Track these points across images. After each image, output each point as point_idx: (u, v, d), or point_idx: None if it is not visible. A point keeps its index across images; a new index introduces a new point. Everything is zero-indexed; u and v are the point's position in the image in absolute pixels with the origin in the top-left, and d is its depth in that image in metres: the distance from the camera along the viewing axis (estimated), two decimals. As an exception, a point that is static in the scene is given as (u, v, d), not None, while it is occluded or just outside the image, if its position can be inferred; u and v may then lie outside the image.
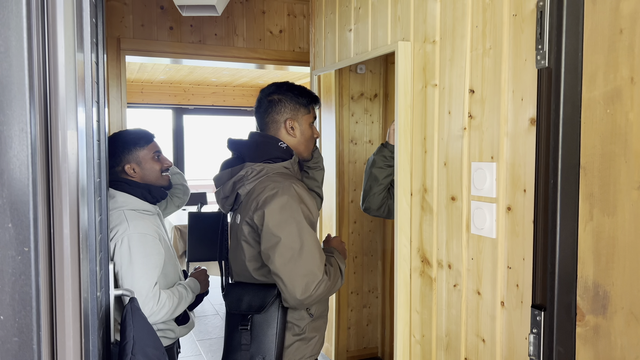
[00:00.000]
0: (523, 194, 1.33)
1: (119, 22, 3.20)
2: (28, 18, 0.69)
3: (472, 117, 1.52)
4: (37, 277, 0.71)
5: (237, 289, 1.67)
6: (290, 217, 1.52)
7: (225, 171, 1.70)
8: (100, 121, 1.45)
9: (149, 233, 1.78)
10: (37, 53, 0.73)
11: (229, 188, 1.67)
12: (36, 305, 0.70)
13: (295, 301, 1.52)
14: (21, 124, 0.68)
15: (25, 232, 0.68)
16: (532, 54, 1.27)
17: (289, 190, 1.54)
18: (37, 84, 0.72)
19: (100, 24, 1.53)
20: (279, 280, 1.53)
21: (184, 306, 1.85)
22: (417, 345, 1.83)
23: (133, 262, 1.72)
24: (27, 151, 0.68)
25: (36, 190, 0.70)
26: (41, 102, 0.76)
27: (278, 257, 1.50)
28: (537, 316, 1.15)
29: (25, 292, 0.69)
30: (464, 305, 1.58)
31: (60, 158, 0.84)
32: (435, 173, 1.69)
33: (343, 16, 2.31)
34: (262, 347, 1.59)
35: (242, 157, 1.67)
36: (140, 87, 6.72)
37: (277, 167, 1.64)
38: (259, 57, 3.62)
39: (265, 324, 1.60)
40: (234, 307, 1.64)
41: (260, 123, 1.75)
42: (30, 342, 0.70)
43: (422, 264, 1.78)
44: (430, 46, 1.69)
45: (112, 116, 3.17)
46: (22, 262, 0.68)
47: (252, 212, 1.57)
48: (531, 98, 1.29)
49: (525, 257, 1.32)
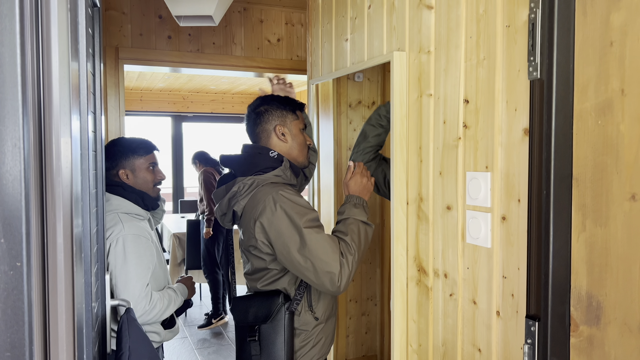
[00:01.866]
0: (517, 203, 1.33)
1: (117, 31, 3.21)
2: (22, 33, 0.70)
3: (466, 127, 1.53)
4: (30, 292, 0.71)
5: (243, 301, 1.69)
6: (291, 224, 1.55)
7: (221, 188, 1.73)
8: (96, 131, 1.45)
9: (142, 235, 1.83)
10: (31, 66, 0.74)
11: (225, 205, 1.71)
12: (28, 320, 0.71)
13: (335, 289, 1.55)
14: (14, 139, 0.68)
15: (17, 247, 0.69)
16: (525, 65, 1.28)
17: (278, 199, 1.57)
18: (30, 97, 0.73)
19: (97, 34, 1.54)
20: (312, 283, 1.57)
21: (173, 309, 1.88)
22: (414, 355, 1.82)
23: (127, 261, 1.76)
24: (20, 167, 0.69)
25: (29, 205, 0.71)
26: (35, 114, 0.76)
27: (298, 264, 1.55)
28: (531, 326, 1.15)
29: (18, 307, 0.69)
30: (460, 315, 1.58)
31: (54, 171, 0.84)
32: (430, 182, 1.69)
33: (339, 26, 2.33)
34: (272, 356, 1.62)
35: (233, 173, 1.72)
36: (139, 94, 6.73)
37: (268, 177, 1.67)
38: (257, 65, 3.63)
39: (273, 333, 1.63)
40: (241, 320, 1.68)
41: (251, 137, 1.79)
42: (22, 357, 0.70)
43: (419, 273, 1.78)
44: (425, 56, 1.70)
45: (111, 124, 3.18)
46: (15, 277, 0.68)
47: (252, 231, 1.61)
48: (524, 109, 1.29)
49: (520, 266, 1.33)
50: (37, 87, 0.78)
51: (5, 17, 0.68)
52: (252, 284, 1.75)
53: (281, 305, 1.63)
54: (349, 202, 1.72)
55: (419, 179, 1.76)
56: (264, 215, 1.57)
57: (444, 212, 1.63)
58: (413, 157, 1.79)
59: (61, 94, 0.85)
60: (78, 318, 0.94)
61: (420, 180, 1.75)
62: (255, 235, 1.60)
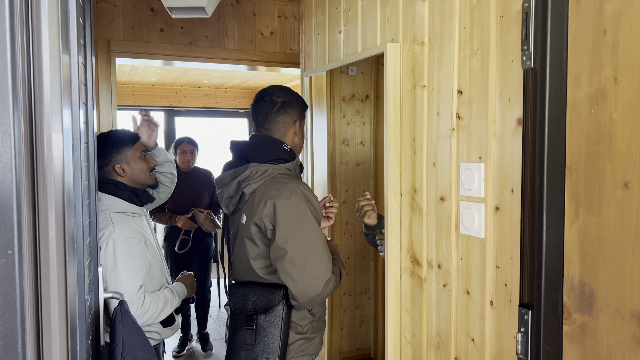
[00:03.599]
0: (511, 194, 1.33)
1: (109, 24, 3.19)
2: (11, 21, 0.69)
3: (460, 118, 1.53)
4: (22, 280, 0.70)
5: (243, 289, 1.69)
6: (299, 217, 1.57)
7: (228, 172, 1.73)
8: (88, 123, 1.44)
9: (134, 236, 1.78)
10: (21, 55, 0.73)
11: (234, 188, 1.69)
12: (21, 309, 0.70)
13: (306, 299, 1.58)
14: (4, 126, 0.68)
15: (9, 234, 0.68)
16: (518, 55, 1.28)
17: (295, 190, 1.59)
18: (21, 86, 0.72)
19: (88, 25, 1.52)
20: (288, 279, 1.57)
21: (169, 310, 1.84)
22: (407, 346, 1.83)
23: (118, 265, 1.72)
24: (11, 153, 0.68)
25: (20, 193, 0.70)
26: (25, 104, 0.75)
27: (289, 256, 1.55)
28: (524, 315, 1.15)
29: (10, 295, 0.68)
30: (453, 305, 1.59)
31: (46, 160, 0.83)
32: (424, 174, 1.70)
33: (333, 18, 2.32)
34: (266, 347, 1.62)
35: (246, 157, 1.70)
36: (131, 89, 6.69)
37: (281, 168, 1.68)
38: (250, 58, 3.62)
39: (270, 325, 1.63)
40: (239, 307, 1.67)
41: (263, 122, 1.75)
42: (15, 346, 0.69)
43: (412, 264, 1.78)
44: (419, 47, 1.70)
45: (103, 118, 3.16)
46: (6, 265, 0.68)
47: (260, 212, 1.60)
48: (518, 99, 1.30)
49: (513, 256, 1.33)
50: (27, 74, 0.77)
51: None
52: (245, 272, 1.73)
53: (281, 298, 1.63)
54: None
55: (413, 171, 1.76)
56: (279, 199, 1.58)
57: (438, 203, 1.63)
58: (407, 149, 1.79)
59: (52, 84, 0.84)
60: (71, 309, 0.93)
61: (414, 171, 1.75)
62: (262, 217, 1.60)
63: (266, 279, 1.69)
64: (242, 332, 1.65)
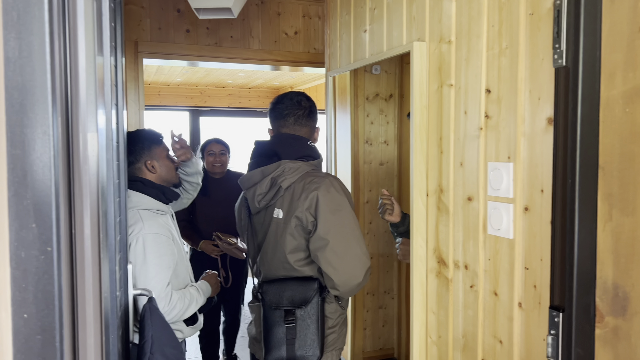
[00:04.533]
0: (540, 194, 1.31)
1: (136, 25, 3.24)
2: (50, 23, 0.71)
3: (488, 117, 1.51)
4: (60, 277, 0.72)
5: (276, 284, 1.73)
6: (340, 208, 1.65)
7: (256, 171, 1.76)
8: (118, 123, 1.47)
9: (163, 233, 1.81)
10: (59, 57, 0.75)
11: (267, 184, 1.73)
12: (58, 304, 0.72)
13: (347, 287, 1.64)
14: (44, 126, 0.69)
15: (48, 232, 0.70)
16: (549, 53, 1.26)
17: (333, 183, 1.68)
18: (58, 87, 0.74)
19: (118, 27, 1.55)
20: (330, 268, 1.63)
21: (194, 308, 1.86)
22: (433, 346, 1.82)
23: (147, 261, 1.74)
24: (50, 153, 0.70)
25: (58, 191, 0.72)
26: (63, 105, 0.77)
27: (332, 246, 1.61)
28: (555, 317, 1.14)
29: (48, 291, 0.70)
30: (480, 306, 1.57)
31: (81, 160, 0.86)
32: (451, 173, 1.68)
33: (358, 17, 2.31)
34: (307, 341, 1.68)
35: (277, 155, 1.74)
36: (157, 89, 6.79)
37: (311, 165, 1.75)
38: (274, 58, 3.63)
39: (307, 318, 1.68)
40: (275, 303, 1.70)
41: (292, 123, 1.81)
42: (52, 340, 0.71)
43: (439, 264, 1.77)
44: (446, 46, 1.69)
45: (130, 118, 3.21)
46: (45, 261, 0.70)
47: (302, 205, 1.66)
48: (548, 97, 1.27)
49: (543, 257, 1.31)
50: (64, 77, 0.79)
51: (34, 5, 0.68)
52: (279, 266, 1.75)
53: (316, 291, 1.68)
54: None
55: (439, 170, 1.74)
56: (320, 191, 1.64)
57: (465, 203, 1.61)
58: (433, 148, 1.77)
59: (88, 85, 0.86)
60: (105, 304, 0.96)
61: (441, 171, 1.74)
62: (305, 209, 1.65)
63: (300, 272, 1.72)
64: (280, 327, 1.69)
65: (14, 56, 0.66)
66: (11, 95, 0.66)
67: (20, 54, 0.67)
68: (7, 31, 0.65)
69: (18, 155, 0.66)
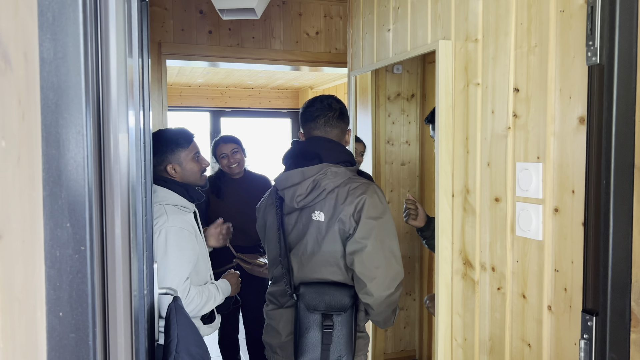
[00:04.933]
0: (571, 195, 1.29)
1: (159, 27, 3.27)
2: (84, 24, 0.72)
3: (516, 117, 1.48)
4: (93, 276, 0.73)
5: (315, 287, 1.72)
6: (383, 213, 1.68)
7: (296, 171, 1.74)
8: (145, 124, 1.48)
9: (186, 228, 1.82)
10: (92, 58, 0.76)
11: (309, 185, 1.71)
12: (92, 303, 0.72)
13: (378, 296, 1.64)
14: (78, 126, 0.70)
15: (81, 231, 0.70)
16: (580, 51, 1.23)
17: (377, 190, 1.71)
18: (91, 88, 0.75)
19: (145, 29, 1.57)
20: (364, 272, 1.64)
21: (212, 305, 1.87)
22: (458, 349, 1.80)
23: (168, 254, 1.76)
24: (84, 153, 0.70)
25: (91, 191, 0.72)
26: (95, 106, 0.78)
27: (369, 250, 1.63)
28: (588, 321, 1.11)
29: (82, 290, 0.71)
30: (508, 309, 1.54)
31: (112, 160, 0.86)
32: (478, 174, 1.66)
33: (381, 16, 2.30)
34: (341, 346, 1.69)
35: (318, 157, 1.74)
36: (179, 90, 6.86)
37: (352, 170, 1.78)
38: (295, 59, 3.64)
39: (342, 324, 1.70)
40: (313, 306, 1.70)
41: (323, 125, 1.81)
42: (86, 339, 0.72)
43: (464, 266, 1.75)
44: (472, 44, 1.66)
45: (154, 119, 3.25)
46: (79, 260, 0.70)
47: (347, 209, 1.67)
48: (580, 96, 1.25)
49: (574, 260, 1.28)
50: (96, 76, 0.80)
51: (69, 6, 0.69)
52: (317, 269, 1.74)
53: (352, 298, 1.70)
54: None
55: (466, 171, 1.72)
56: (366, 196, 1.67)
57: (492, 204, 1.59)
58: (459, 148, 1.75)
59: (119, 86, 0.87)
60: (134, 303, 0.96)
61: (467, 171, 1.71)
62: (350, 213, 1.66)
63: (335, 277, 1.73)
64: (316, 331, 1.69)
65: (49, 57, 0.67)
66: (46, 95, 0.67)
67: (55, 54, 0.67)
68: (43, 32, 0.66)
69: (53, 155, 0.67)
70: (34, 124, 0.63)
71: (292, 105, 7.48)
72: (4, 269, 0.49)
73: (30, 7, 0.61)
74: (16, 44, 0.57)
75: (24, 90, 0.59)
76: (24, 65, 0.59)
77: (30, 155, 0.61)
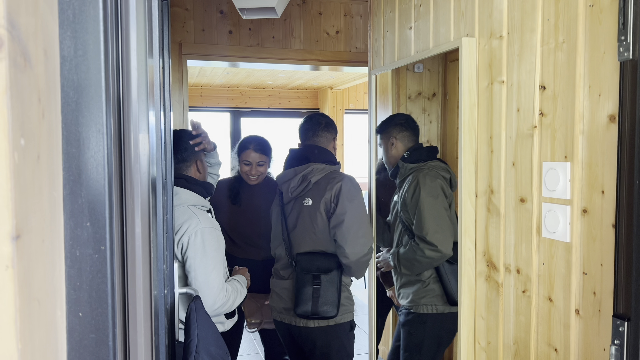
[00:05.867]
0: (601, 195, 1.24)
1: (180, 27, 3.29)
2: (104, 22, 0.71)
3: (543, 115, 1.44)
4: (113, 275, 0.72)
5: (308, 255, 2.23)
6: (356, 196, 2.19)
7: (289, 170, 2.30)
8: (166, 124, 1.49)
9: (216, 227, 1.85)
10: (112, 57, 0.75)
11: (299, 179, 2.24)
12: (111, 303, 0.72)
13: (354, 257, 2.13)
14: (98, 125, 0.69)
15: (101, 231, 0.70)
16: (611, 47, 1.19)
17: (351, 179, 2.24)
18: (112, 87, 0.74)
19: (166, 28, 1.57)
20: (343, 240, 2.12)
21: (240, 300, 1.89)
22: (482, 352, 1.76)
23: (207, 254, 1.77)
24: (104, 152, 0.70)
25: (111, 190, 0.72)
26: (115, 105, 0.77)
27: (346, 223, 2.12)
28: (619, 326, 1.07)
29: (102, 290, 0.70)
30: (533, 312, 1.50)
31: (133, 159, 0.86)
32: (502, 173, 1.62)
33: (403, 14, 2.27)
34: (328, 299, 2.18)
35: (307, 159, 2.28)
36: (199, 91, 6.91)
37: (333, 167, 2.29)
38: (315, 58, 3.62)
39: (329, 283, 2.19)
40: (307, 268, 2.20)
41: (312, 135, 2.36)
42: (106, 339, 0.71)
43: (488, 268, 1.71)
44: (497, 41, 1.63)
45: (175, 119, 3.27)
46: (99, 260, 0.69)
47: (328, 193, 2.18)
48: (610, 93, 1.20)
49: (603, 262, 1.24)
50: (117, 75, 0.80)
51: (90, 4, 0.69)
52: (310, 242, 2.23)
53: (337, 264, 2.20)
54: None
55: (490, 170, 1.68)
56: (342, 183, 2.18)
57: (517, 204, 1.55)
58: (483, 147, 1.71)
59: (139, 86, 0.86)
60: (155, 303, 0.96)
61: (491, 171, 1.68)
62: (330, 196, 2.17)
63: (327, 247, 2.22)
64: (308, 287, 2.18)
65: (69, 55, 0.66)
66: (67, 93, 0.66)
67: (76, 52, 0.67)
68: (63, 30, 0.66)
69: (73, 154, 0.66)
70: (54, 122, 0.62)
71: (311, 105, 7.46)
72: (23, 269, 0.49)
73: (51, 4, 0.61)
74: (36, 41, 0.56)
75: (44, 88, 0.58)
76: (44, 63, 0.59)
77: (50, 154, 0.61)
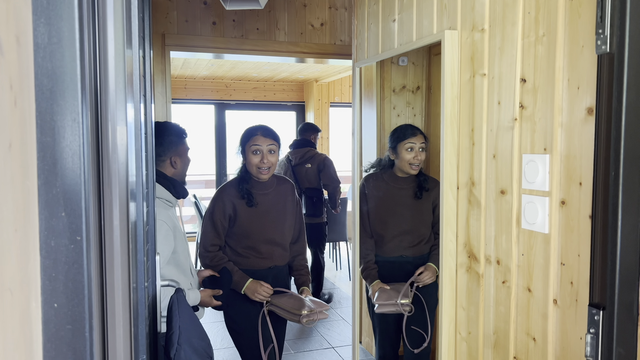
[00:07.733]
0: (579, 187, 1.26)
1: (163, 18, 3.25)
2: (80, 10, 0.70)
3: (523, 108, 1.46)
4: (89, 266, 0.71)
5: None
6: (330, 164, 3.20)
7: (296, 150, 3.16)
8: (147, 115, 1.47)
9: (166, 222, 1.81)
10: (88, 46, 0.74)
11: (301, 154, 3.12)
12: (88, 294, 0.71)
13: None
14: (73, 114, 0.68)
15: (77, 221, 0.69)
16: (589, 40, 1.20)
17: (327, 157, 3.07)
18: (88, 76, 0.73)
19: (147, 18, 1.55)
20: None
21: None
22: (462, 343, 1.78)
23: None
24: (79, 141, 0.69)
25: (87, 180, 0.71)
26: (92, 95, 0.76)
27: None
28: (595, 315, 1.09)
29: (78, 281, 0.70)
30: (513, 303, 1.52)
31: (110, 150, 0.85)
32: (483, 166, 1.63)
33: (387, 6, 2.27)
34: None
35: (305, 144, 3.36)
36: (183, 82, 6.84)
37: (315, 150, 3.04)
38: (300, 50, 3.61)
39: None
40: None
41: (303, 132, 3.59)
42: (82, 330, 0.71)
43: (469, 259, 1.73)
44: (479, 34, 1.64)
45: (158, 111, 3.23)
46: (75, 250, 0.69)
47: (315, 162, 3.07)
48: (588, 86, 1.22)
49: (580, 253, 1.26)
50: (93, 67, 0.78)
51: (64, -9, 0.67)
52: None
53: None
54: None
55: (471, 163, 1.70)
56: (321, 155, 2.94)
57: (498, 196, 1.57)
58: (464, 140, 1.73)
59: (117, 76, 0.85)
60: (134, 295, 0.95)
61: (472, 163, 1.69)
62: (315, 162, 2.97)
63: None
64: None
65: (43, 42, 0.65)
66: (41, 81, 0.65)
67: (50, 40, 0.66)
68: (37, 16, 0.64)
69: (48, 143, 0.65)
70: (27, 110, 0.61)
71: (297, 98, 7.44)
72: (-6, 258, 0.48)
73: (23, -10, 0.60)
74: (8, 27, 0.55)
75: (16, 76, 0.57)
76: (16, 50, 0.58)
77: (23, 143, 0.60)
